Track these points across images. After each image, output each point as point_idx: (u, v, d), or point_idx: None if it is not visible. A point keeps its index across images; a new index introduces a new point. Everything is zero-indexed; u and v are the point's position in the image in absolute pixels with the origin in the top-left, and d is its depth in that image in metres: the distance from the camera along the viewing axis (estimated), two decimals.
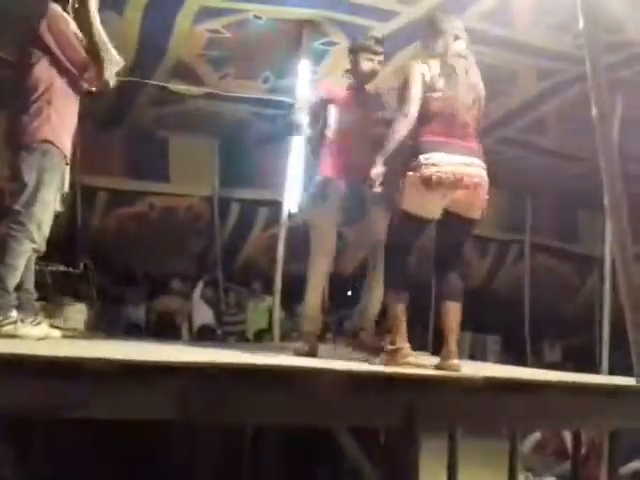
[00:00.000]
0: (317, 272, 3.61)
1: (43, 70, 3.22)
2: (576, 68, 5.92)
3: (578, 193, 9.04)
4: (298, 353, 3.48)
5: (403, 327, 3.13)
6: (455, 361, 3.06)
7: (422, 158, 3.08)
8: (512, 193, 9.88)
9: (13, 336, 3.01)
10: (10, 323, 3.07)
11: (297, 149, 5.83)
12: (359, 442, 4.33)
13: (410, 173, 3.10)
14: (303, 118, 4.08)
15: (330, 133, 3.73)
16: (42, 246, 3.31)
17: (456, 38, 3.21)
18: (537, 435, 6.17)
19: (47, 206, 3.21)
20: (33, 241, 3.18)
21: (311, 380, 2.60)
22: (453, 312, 3.14)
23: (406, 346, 3.13)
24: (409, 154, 3.18)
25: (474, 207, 3.18)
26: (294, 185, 5.96)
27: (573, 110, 6.85)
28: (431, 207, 3.13)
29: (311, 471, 4.20)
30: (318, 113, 3.84)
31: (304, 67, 5.89)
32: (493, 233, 10.27)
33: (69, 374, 2.23)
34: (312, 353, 3.48)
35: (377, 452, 4.78)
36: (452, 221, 3.18)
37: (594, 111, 3.19)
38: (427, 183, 3.04)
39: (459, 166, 3.08)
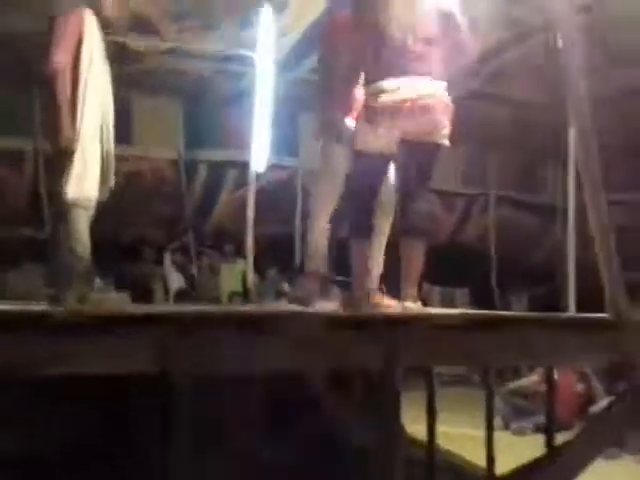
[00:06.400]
0: (321, 209, 3.33)
1: None
2: (541, 16, 5.93)
3: (541, 144, 9.12)
4: (292, 299, 3.28)
5: (365, 274, 3.04)
6: (409, 304, 2.87)
7: (368, 89, 2.86)
8: (476, 146, 9.93)
9: None
10: None
11: (262, 107, 5.74)
12: (335, 394, 4.40)
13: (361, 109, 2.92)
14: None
15: None
16: None
17: None
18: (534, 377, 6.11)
19: None
20: None
21: (288, 324, 2.60)
22: (417, 250, 2.85)
23: (370, 292, 3.05)
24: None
25: (433, 132, 2.82)
26: (261, 144, 5.88)
27: (537, 60, 6.88)
28: (384, 141, 2.85)
29: (289, 423, 4.25)
30: None
31: (266, 17, 5.65)
32: (459, 187, 10.38)
33: (45, 328, 2.20)
34: (307, 301, 3.16)
35: (354, 400, 4.86)
36: (412, 145, 2.84)
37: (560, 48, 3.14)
38: (370, 117, 2.81)
39: (404, 90, 2.75)
